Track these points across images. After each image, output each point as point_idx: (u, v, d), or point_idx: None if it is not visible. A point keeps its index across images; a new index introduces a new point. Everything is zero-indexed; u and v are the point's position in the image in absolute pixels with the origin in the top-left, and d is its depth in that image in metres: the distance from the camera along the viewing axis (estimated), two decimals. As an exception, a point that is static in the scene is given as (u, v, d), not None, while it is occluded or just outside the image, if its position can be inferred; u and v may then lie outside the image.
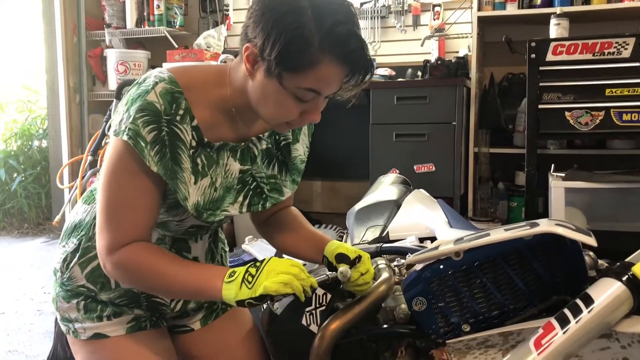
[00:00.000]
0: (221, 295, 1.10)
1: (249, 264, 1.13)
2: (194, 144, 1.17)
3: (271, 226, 1.45)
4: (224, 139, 1.22)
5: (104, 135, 3.21)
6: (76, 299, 1.31)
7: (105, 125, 3.13)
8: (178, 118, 1.13)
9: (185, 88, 1.14)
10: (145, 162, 1.11)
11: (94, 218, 1.28)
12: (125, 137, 1.10)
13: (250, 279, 1.08)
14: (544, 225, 1.06)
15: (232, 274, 1.10)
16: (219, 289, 1.10)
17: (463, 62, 3.34)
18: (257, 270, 1.09)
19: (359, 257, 1.25)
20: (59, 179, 3.56)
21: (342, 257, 1.25)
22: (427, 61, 3.42)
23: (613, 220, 2.68)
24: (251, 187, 1.29)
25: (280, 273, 1.08)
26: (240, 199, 1.27)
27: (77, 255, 1.29)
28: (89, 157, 3.23)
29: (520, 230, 1.08)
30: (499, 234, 1.11)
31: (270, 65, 1.08)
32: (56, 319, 1.67)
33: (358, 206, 2.01)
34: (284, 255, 1.37)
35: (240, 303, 1.08)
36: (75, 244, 1.30)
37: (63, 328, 1.35)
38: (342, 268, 1.21)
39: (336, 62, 1.07)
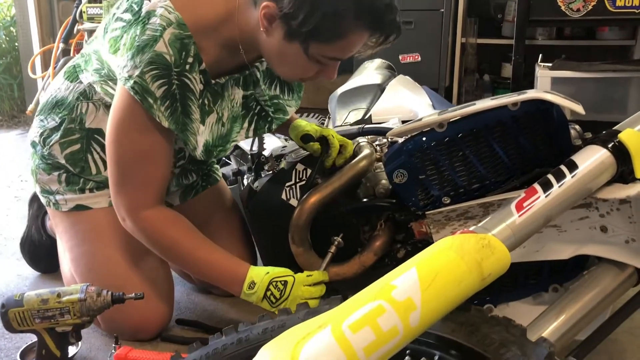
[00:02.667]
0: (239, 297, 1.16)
1: (269, 279, 1.13)
2: (201, 87, 1.12)
3: None
4: (226, 71, 1.19)
5: (75, 22, 3.07)
6: (57, 172, 1.28)
7: (76, 11, 2.99)
8: (187, 67, 1.08)
9: (195, 31, 1.08)
10: (155, 118, 1.07)
11: (77, 99, 1.23)
12: (131, 92, 1.05)
13: (273, 300, 1.12)
14: (532, 92, 1.03)
15: (252, 285, 1.13)
16: (237, 293, 1.15)
17: (454, -56, 3.15)
18: (280, 294, 1.12)
19: (323, 138, 1.31)
20: (31, 68, 3.44)
21: (306, 138, 1.32)
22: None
23: (598, 111, 2.66)
24: (255, 111, 1.28)
25: (303, 299, 1.12)
26: (246, 124, 1.26)
27: (58, 134, 1.25)
28: (61, 45, 3.12)
29: (507, 98, 1.05)
30: (485, 102, 1.07)
31: (295, 32, 1.04)
32: (30, 200, 1.65)
33: (341, 90, 1.96)
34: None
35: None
36: (56, 122, 1.26)
37: (43, 200, 1.32)
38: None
39: (367, 31, 1.06)
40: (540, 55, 2.75)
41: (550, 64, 2.62)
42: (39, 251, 1.61)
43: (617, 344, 1.21)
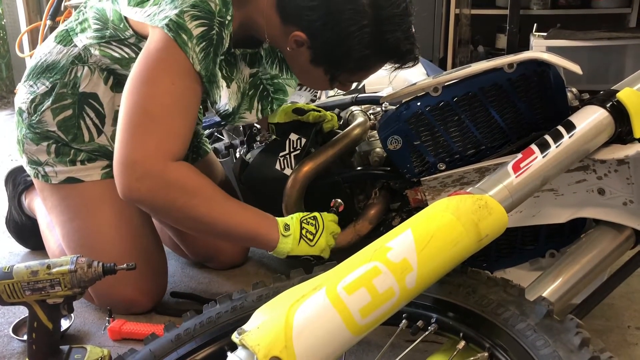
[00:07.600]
0: (274, 246, 1.09)
1: (299, 218, 1.11)
2: (226, 48, 1.09)
3: None
4: (238, 45, 1.18)
5: (62, -3, 3.00)
6: (46, 142, 1.24)
7: (63, -14, 2.92)
8: (226, 22, 1.05)
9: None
10: (189, 59, 1.02)
11: (72, 62, 1.20)
12: (165, 29, 1.00)
13: (310, 236, 1.10)
14: (528, 53, 1.01)
15: (287, 227, 1.10)
16: (275, 240, 1.09)
17: None
18: (315, 227, 1.11)
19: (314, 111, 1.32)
20: (18, 47, 3.36)
21: (301, 111, 1.32)
22: None
23: (594, 80, 2.63)
24: (260, 90, 1.28)
25: (332, 233, 1.13)
26: (255, 104, 1.27)
27: (50, 99, 1.22)
28: (48, 22, 3.05)
29: (503, 59, 1.02)
30: (480, 65, 1.05)
31: (322, 63, 1.10)
32: (5, 181, 1.62)
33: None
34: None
35: (292, 257, 1.11)
36: (47, 87, 1.22)
37: (30, 172, 1.28)
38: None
39: (388, 63, 1.14)
40: (535, 24, 2.72)
41: (545, 34, 2.59)
42: (23, 230, 1.59)
43: (613, 308, 1.20)
